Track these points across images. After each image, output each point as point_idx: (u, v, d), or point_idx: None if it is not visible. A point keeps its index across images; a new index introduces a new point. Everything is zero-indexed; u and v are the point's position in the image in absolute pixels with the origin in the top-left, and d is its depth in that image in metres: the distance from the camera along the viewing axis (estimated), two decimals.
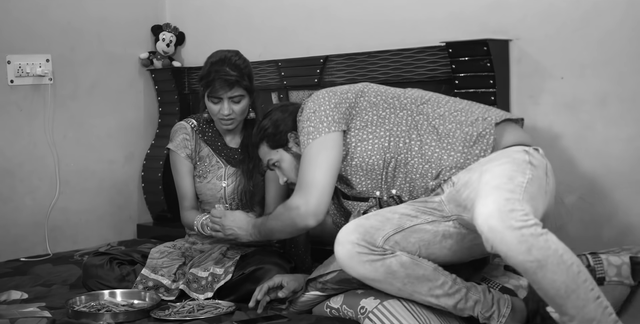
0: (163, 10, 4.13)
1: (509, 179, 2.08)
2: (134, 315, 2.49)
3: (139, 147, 4.02)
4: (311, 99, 2.40)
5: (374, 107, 2.38)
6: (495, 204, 1.96)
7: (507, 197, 1.98)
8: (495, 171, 2.13)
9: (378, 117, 2.36)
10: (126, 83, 4.00)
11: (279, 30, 3.64)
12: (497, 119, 2.33)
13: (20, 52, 3.59)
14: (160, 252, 2.84)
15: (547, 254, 1.89)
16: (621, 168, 2.67)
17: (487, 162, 2.21)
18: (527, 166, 2.16)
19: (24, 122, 3.62)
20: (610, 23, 2.66)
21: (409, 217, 2.23)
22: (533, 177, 2.12)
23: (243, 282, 2.64)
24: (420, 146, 2.32)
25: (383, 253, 2.15)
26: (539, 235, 1.91)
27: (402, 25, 3.17)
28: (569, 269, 1.90)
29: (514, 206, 1.95)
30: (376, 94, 2.41)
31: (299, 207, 2.30)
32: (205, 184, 2.89)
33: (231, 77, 2.73)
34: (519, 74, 2.87)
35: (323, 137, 2.29)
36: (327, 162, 2.29)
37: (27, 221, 3.63)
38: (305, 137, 2.32)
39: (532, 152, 2.26)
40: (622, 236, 2.69)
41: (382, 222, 2.20)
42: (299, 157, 2.43)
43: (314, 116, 2.32)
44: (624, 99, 2.66)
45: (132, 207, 4.03)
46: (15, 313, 2.48)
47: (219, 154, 2.89)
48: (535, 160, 2.21)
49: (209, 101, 2.79)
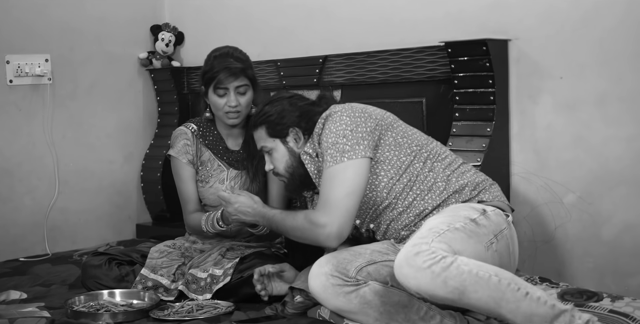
0: (162, 10, 4.13)
1: (429, 229, 2.09)
2: (133, 315, 2.48)
3: (138, 147, 4.02)
4: (344, 112, 2.33)
5: (398, 148, 2.35)
6: (402, 253, 2.02)
7: (415, 243, 2.02)
8: (427, 224, 2.17)
9: (398, 159, 2.34)
10: (125, 83, 4.00)
11: (279, 30, 3.64)
12: (489, 198, 2.35)
13: (20, 52, 3.59)
14: (159, 252, 2.84)
15: (463, 279, 1.93)
16: (620, 168, 2.68)
17: (433, 217, 2.25)
18: (464, 221, 2.15)
19: (23, 122, 3.62)
20: (609, 23, 2.66)
21: (380, 254, 2.26)
22: (461, 229, 2.11)
23: (241, 285, 2.64)
24: (414, 198, 2.34)
25: (356, 283, 2.17)
26: (448, 265, 1.94)
27: (402, 25, 3.17)
28: (488, 282, 1.94)
29: (420, 249, 1.99)
30: (403, 135, 2.38)
31: (324, 226, 2.26)
32: (207, 189, 2.88)
33: (236, 66, 2.75)
34: (518, 74, 2.87)
35: (359, 160, 2.27)
36: (358, 187, 2.27)
37: (26, 221, 3.63)
38: (338, 153, 2.27)
39: (491, 214, 2.24)
40: (621, 236, 2.69)
41: (354, 256, 2.23)
42: (294, 153, 2.44)
43: (350, 134, 2.28)
44: (623, 98, 2.66)
45: (131, 207, 4.03)
46: (14, 312, 2.47)
47: (221, 158, 2.89)
48: (485, 221, 2.20)
49: (215, 94, 2.78)
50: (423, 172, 2.33)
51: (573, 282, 2.74)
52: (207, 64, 2.82)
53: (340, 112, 2.33)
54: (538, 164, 2.85)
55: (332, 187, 2.26)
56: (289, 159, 2.46)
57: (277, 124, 2.46)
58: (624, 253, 2.69)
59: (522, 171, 2.87)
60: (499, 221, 2.24)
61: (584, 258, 2.77)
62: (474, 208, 2.24)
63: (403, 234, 2.36)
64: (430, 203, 2.32)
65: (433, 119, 3.04)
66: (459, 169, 2.37)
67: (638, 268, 2.66)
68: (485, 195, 2.35)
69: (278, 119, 2.46)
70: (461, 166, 2.39)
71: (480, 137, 2.84)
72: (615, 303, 2.33)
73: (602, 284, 2.72)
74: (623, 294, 2.48)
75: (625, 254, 2.68)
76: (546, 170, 2.83)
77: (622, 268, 2.69)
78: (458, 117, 2.90)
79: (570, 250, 2.79)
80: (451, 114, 2.92)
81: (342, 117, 2.31)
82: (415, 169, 2.33)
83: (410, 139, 2.37)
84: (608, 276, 2.72)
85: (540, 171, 2.84)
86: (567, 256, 2.77)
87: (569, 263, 2.77)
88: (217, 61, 2.77)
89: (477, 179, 2.37)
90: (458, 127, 2.90)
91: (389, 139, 2.34)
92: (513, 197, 2.88)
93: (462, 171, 2.37)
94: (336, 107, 2.37)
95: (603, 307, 2.28)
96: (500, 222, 2.25)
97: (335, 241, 2.27)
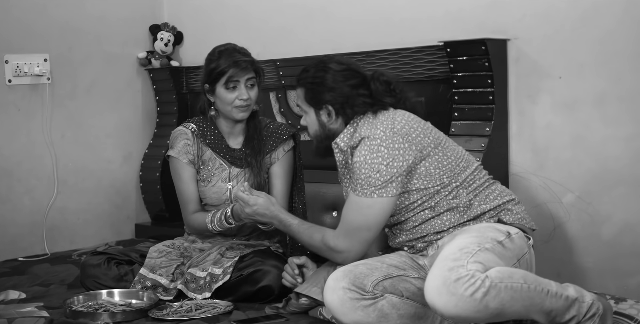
0: (161, 10, 4.13)
1: (460, 249, 2.07)
2: (132, 315, 2.48)
3: (137, 146, 4.02)
4: (382, 143, 2.24)
5: (428, 178, 2.29)
6: (439, 278, 1.97)
7: (450, 267, 1.99)
8: (456, 243, 2.14)
9: (425, 188, 2.30)
10: (124, 83, 3.99)
11: (278, 30, 3.64)
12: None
13: (18, 52, 3.59)
14: (159, 251, 2.84)
15: (501, 298, 1.94)
16: (619, 167, 2.68)
17: (459, 233, 2.23)
18: (492, 242, 2.14)
19: (22, 121, 3.62)
20: (608, 23, 2.66)
21: (396, 269, 2.25)
22: (491, 250, 2.10)
23: (241, 283, 2.64)
24: (432, 217, 2.33)
25: (374, 296, 2.16)
26: (488, 289, 1.93)
27: (401, 25, 3.17)
28: (520, 293, 1.96)
29: (458, 274, 1.95)
30: (437, 166, 2.30)
31: (342, 252, 2.34)
32: (210, 188, 2.87)
33: (246, 60, 2.78)
34: (517, 74, 2.87)
35: (387, 199, 2.26)
36: (380, 223, 2.30)
37: (25, 220, 3.63)
38: (369, 187, 2.25)
39: (515, 238, 2.22)
40: (620, 236, 2.69)
41: (370, 270, 2.22)
42: (324, 126, 2.41)
43: (385, 169, 2.23)
44: (622, 98, 2.66)
45: (130, 207, 4.03)
46: (13, 312, 2.47)
47: (223, 157, 2.88)
48: (510, 244, 2.19)
49: (224, 89, 2.78)
50: (447, 199, 2.31)
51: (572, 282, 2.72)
52: (212, 60, 2.81)
53: (379, 140, 2.25)
54: (537, 163, 2.85)
55: (356, 218, 2.30)
56: (318, 130, 2.44)
57: (316, 94, 2.40)
58: (623, 253, 2.69)
59: (521, 171, 2.87)
60: (521, 244, 2.24)
61: (583, 258, 2.77)
62: (499, 230, 2.21)
63: (420, 246, 2.36)
64: (447, 225, 2.31)
65: (432, 119, 3.00)
66: (483, 192, 2.34)
67: (637, 267, 2.66)
68: (506, 216, 2.32)
69: (320, 89, 2.39)
70: (487, 188, 2.35)
71: (479, 137, 2.84)
72: (619, 304, 2.32)
73: (601, 284, 2.72)
74: (623, 294, 2.48)
75: (625, 253, 2.68)
76: (545, 170, 2.83)
77: (621, 267, 2.69)
78: (457, 116, 2.90)
79: (569, 250, 2.79)
80: (450, 114, 2.92)
81: (380, 149, 2.25)
82: (439, 195, 2.31)
83: (444, 169, 2.31)
84: (607, 276, 2.72)
85: (539, 170, 2.84)
86: (566, 255, 2.77)
87: (568, 263, 2.77)
88: (224, 57, 2.78)
89: (501, 201, 2.34)
90: (457, 126, 2.90)
91: (421, 168, 2.29)
92: None
93: (486, 194, 2.34)
94: (377, 129, 2.28)
95: None
96: (523, 246, 2.24)
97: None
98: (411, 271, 2.26)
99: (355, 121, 2.37)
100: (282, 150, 2.89)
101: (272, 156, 2.89)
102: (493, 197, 2.34)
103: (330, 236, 2.37)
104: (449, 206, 2.31)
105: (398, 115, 2.33)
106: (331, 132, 2.41)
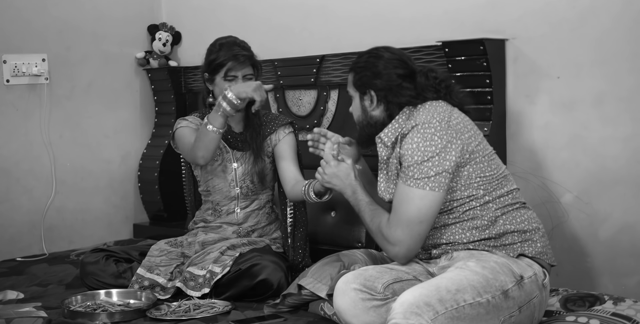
0: (159, 10, 4.12)
1: (457, 289, 2.06)
2: (130, 315, 2.49)
3: (135, 146, 4.01)
4: (434, 130, 2.23)
5: (466, 185, 2.26)
6: (413, 298, 1.99)
7: (428, 303, 1.99)
8: (461, 273, 2.12)
9: (460, 195, 2.28)
10: (122, 83, 3.99)
11: (276, 30, 3.64)
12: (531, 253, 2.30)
13: (16, 52, 3.58)
14: (160, 250, 2.85)
15: None
16: (617, 167, 2.68)
17: (473, 258, 2.20)
18: (494, 293, 2.10)
19: (20, 121, 3.62)
20: (606, 23, 2.66)
21: (405, 273, 2.25)
22: (484, 305, 2.07)
23: (239, 278, 2.65)
24: (453, 223, 2.30)
25: (385, 297, 2.16)
26: None
27: (399, 25, 3.17)
28: None
29: (420, 319, 1.96)
30: (478, 174, 2.27)
31: (395, 244, 2.26)
32: (216, 167, 2.89)
33: (244, 54, 2.83)
34: (515, 74, 2.87)
35: (438, 193, 2.22)
36: (431, 217, 2.24)
37: (23, 220, 3.63)
38: (422, 177, 2.21)
39: (527, 283, 2.18)
40: (619, 235, 2.69)
41: (380, 273, 2.22)
42: (366, 111, 2.40)
43: (437, 160, 2.20)
44: (620, 98, 2.66)
45: (129, 207, 4.02)
46: (11, 312, 2.47)
47: (225, 139, 2.90)
48: (516, 292, 2.14)
49: (224, 80, 2.82)
50: (474, 209, 2.29)
51: (570, 282, 2.74)
52: (212, 52, 2.87)
53: (434, 129, 2.23)
54: (535, 163, 2.85)
55: (409, 209, 2.23)
56: (361, 115, 2.44)
57: (363, 80, 2.41)
58: (621, 253, 2.69)
59: (519, 171, 2.87)
60: (531, 290, 2.19)
61: (581, 258, 2.78)
62: (513, 274, 2.17)
63: (435, 253, 2.34)
64: (467, 237, 2.28)
65: None
66: (511, 213, 2.30)
67: (635, 267, 2.67)
68: (529, 248, 2.28)
69: (365, 77, 2.40)
70: (516, 210, 2.32)
71: None
72: (617, 305, 2.32)
73: (599, 284, 2.73)
74: (621, 294, 2.48)
75: (623, 253, 2.68)
76: (543, 170, 2.83)
77: (619, 267, 2.69)
78: None
79: (567, 250, 2.79)
80: None
81: (434, 138, 2.22)
82: (469, 205, 2.29)
83: (484, 179, 2.29)
84: (605, 276, 2.72)
85: (537, 170, 2.84)
86: (564, 255, 2.77)
87: (566, 263, 2.77)
88: (224, 49, 2.84)
89: (527, 227, 2.30)
90: None
91: (464, 172, 2.27)
92: None
93: (514, 215, 2.30)
94: (433, 118, 2.25)
95: (606, 310, 2.28)
96: (532, 291, 2.19)
97: (402, 260, 2.30)
98: (421, 277, 2.26)
99: (402, 113, 2.35)
100: (282, 132, 2.94)
101: (273, 137, 2.93)
102: (520, 220, 2.30)
103: (387, 224, 2.28)
104: (474, 216, 2.28)
105: (455, 111, 2.33)
106: (372, 119, 2.40)
